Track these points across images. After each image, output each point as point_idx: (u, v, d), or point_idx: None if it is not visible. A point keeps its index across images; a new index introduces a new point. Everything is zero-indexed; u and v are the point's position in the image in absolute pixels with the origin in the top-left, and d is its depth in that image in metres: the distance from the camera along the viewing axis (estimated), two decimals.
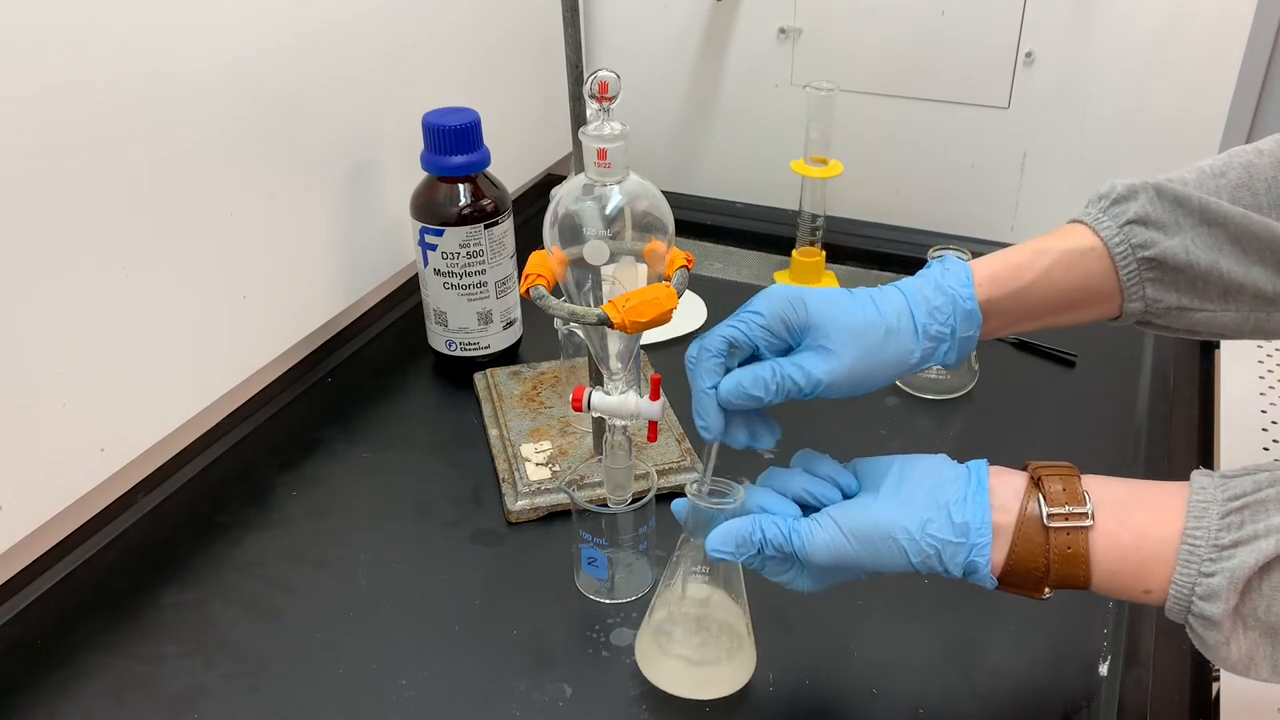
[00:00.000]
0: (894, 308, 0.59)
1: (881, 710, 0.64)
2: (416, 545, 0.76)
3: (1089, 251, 0.60)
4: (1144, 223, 0.59)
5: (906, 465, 0.57)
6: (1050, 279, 0.60)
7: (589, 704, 0.64)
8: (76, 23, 0.67)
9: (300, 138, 0.88)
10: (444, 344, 0.93)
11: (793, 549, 0.56)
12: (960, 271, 0.60)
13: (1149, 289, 0.60)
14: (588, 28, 1.28)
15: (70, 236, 0.70)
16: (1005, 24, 1.10)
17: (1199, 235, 0.58)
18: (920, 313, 0.59)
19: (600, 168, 0.63)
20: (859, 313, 0.58)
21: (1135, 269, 0.60)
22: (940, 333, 0.59)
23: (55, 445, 0.72)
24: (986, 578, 0.54)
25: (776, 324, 0.58)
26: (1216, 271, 0.58)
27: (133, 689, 0.65)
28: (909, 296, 0.60)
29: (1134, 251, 0.59)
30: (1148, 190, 0.59)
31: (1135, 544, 0.53)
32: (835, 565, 0.56)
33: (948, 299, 0.59)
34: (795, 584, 0.59)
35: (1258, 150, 0.60)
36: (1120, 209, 0.60)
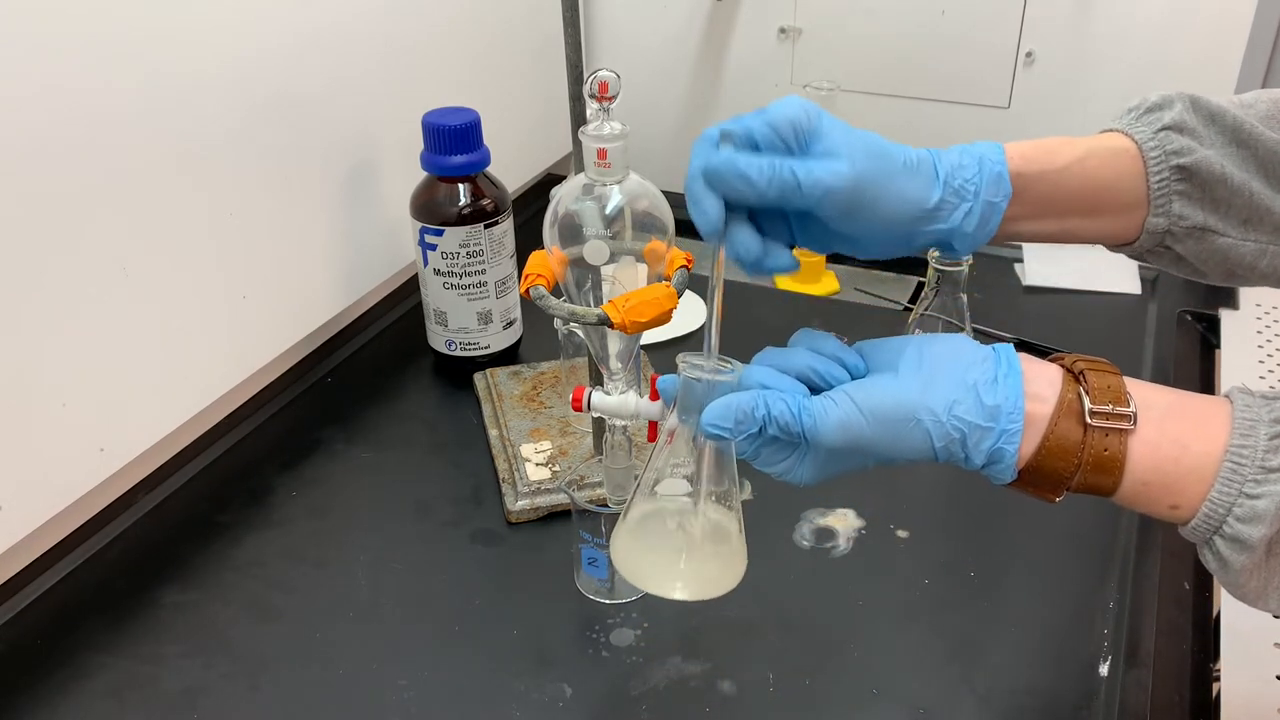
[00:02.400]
0: (917, 154, 0.56)
1: (881, 710, 0.64)
2: (416, 545, 0.76)
3: (1123, 152, 0.58)
4: (1179, 129, 0.57)
5: (926, 344, 0.53)
6: (1084, 169, 0.58)
7: (589, 704, 0.64)
8: (77, 23, 0.67)
9: (300, 138, 0.88)
10: (444, 344, 0.93)
11: (801, 429, 0.51)
12: (990, 145, 0.58)
13: (1175, 203, 0.58)
14: (588, 28, 1.28)
15: (70, 236, 0.70)
16: (1005, 24, 1.10)
17: (1230, 153, 0.57)
18: (945, 165, 0.56)
19: (600, 167, 0.63)
20: (878, 140, 0.55)
21: (1166, 177, 0.57)
22: (963, 188, 0.56)
23: (55, 445, 0.72)
24: (1009, 469, 0.50)
25: (783, 124, 0.52)
26: (1246, 190, 0.57)
27: (133, 689, 0.65)
28: (934, 152, 0.57)
29: (1167, 158, 0.57)
30: (1183, 99, 0.58)
31: (1174, 455, 0.50)
32: (847, 449, 0.51)
33: (974, 159, 0.57)
34: (793, 474, 0.53)
35: None
36: (1155, 116, 0.58)
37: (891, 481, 0.81)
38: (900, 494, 0.80)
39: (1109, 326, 1.00)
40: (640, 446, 0.80)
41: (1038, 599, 0.70)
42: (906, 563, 0.74)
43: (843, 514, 0.77)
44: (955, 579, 0.73)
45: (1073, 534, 0.76)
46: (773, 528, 0.77)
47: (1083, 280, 1.08)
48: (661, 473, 0.57)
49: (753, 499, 0.79)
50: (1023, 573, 0.73)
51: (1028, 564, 0.74)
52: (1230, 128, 0.57)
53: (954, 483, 0.82)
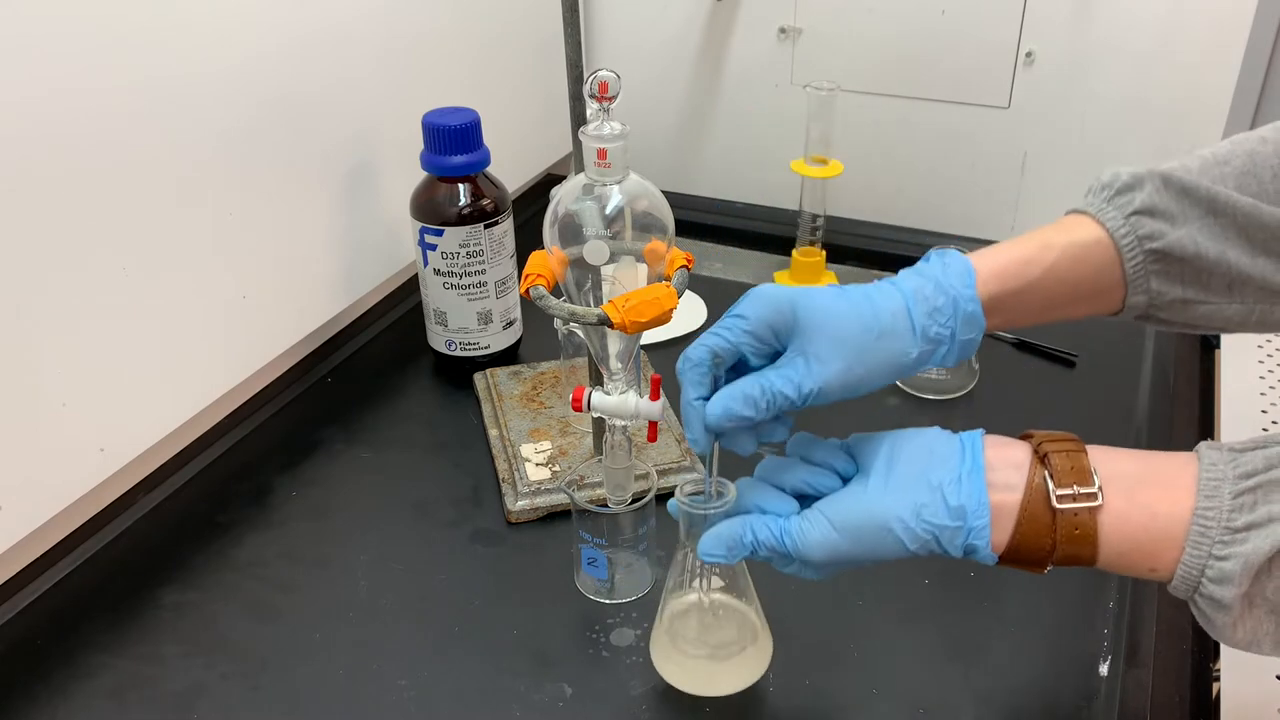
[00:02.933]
0: (890, 308, 0.57)
1: (881, 710, 0.64)
2: (416, 545, 0.76)
3: (1094, 244, 0.58)
4: (1150, 213, 0.57)
5: (897, 444, 0.56)
6: (1055, 275, 0.58)
7: (589, 704, 0.64)
8: (77, 24, 0.67)
9: (300, 138, 0.88)
10: (444, 344, 0.93)
11: (786, 550, 0.55)
12: (962, 269, 0.58)
13: (1154, 281, 0.58)
14: (588, 27, 1.28)
15: (70, 237, 0.70)
16: (1005, 24, 1.10)
17: (1206, 225, 0.57)
18: (919, 313, 0.57)
19: (600, 168, 0.63)
20: (851, 315, 0.56)
21: (1141, 261, 0.58)
22: (940, 335, 0.57)
23: (55, 445, 0.72)
24: (987, 557, 0.53)
25: (763, 330, 0.56)
26: (1224, 262, 0.57)
27: (133, 689, 0.65)
28: (907, 295, 0.57)
29: (1140, 243, 0.57)
30: (1154, 179, 0.58)
31: (1144, 523, 0.51)
32: (832, 558, 0.55)
33: (949, 299, 0.57)
34: (803, 575, 0.57)
35: (1261, 138, 0.59)
36: (1125, 199, 0.58)
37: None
38: None
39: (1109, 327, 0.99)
40: (640, 446, 0.80)
41: (1038, 599, 0.70)
42: (906, 563, 0.74)
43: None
44: (955, 579, 0.73)
45: None
46: None
47: None
48: (682, 583, 0.64)
49: None
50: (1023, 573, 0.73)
51: None
52: (1204, 200, 0.57)
53: None
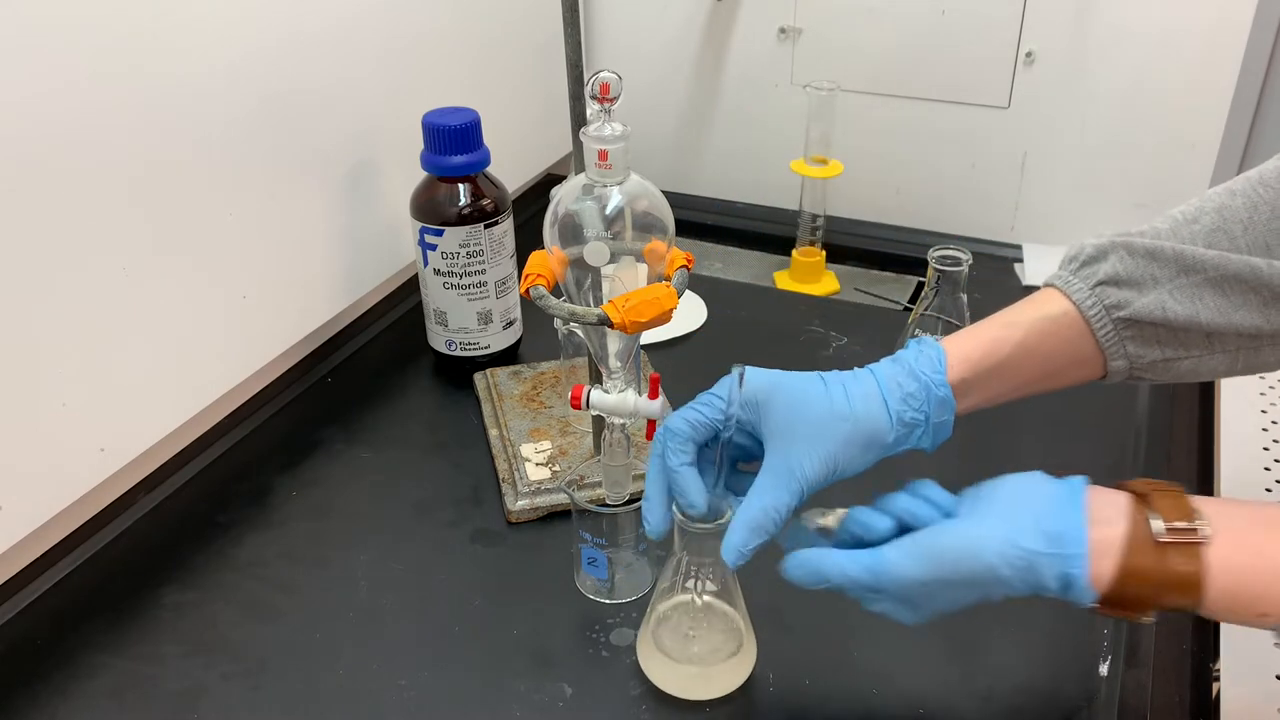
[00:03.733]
0: (864, 392, 0.58)
1: (881, 710, 0.64)
2: (416, 545, 0.76)
3: (1061, 317, 0.60)
4: (1115, 282, 0.59)
5: (997, 482, 0.56)
6: (1025, 350, 0.60)
7: (589, 704, 0.64)
8: (76, 24, 0.67)
9: (300, 138, 0.88)
10: (444, 344, 0.93)
11: (873, 577, 0.55)
12: (933, 355, 0.60)
13: (1130, 346, 0.59)
14: (588, 28, 1.28)
15: (70, 237, 0.70)
16: (1005, 24, 1.10)
17: (1177, 286, 0.58)
18: (894, 399, 0.58)
19: (601, 168, 0.63)
20: (827, 407, 0.57)
21: (1112, 329, 0.59)
22: (914, 419, 0.58)
23: (55, 445, 0.72)
24: (1085, 592, 0.51)
25: (741, 410, 0.58)
26: (1196, 321, 0.58)
27: (133, 689, 0.65)
28: (882, 382, 0.59)
29: (1108, 312, 0.59)
30: (1117, 250, 0.59)
31: (1253, 564, 0.50)
32: (924, 591, 0.54)
33: (920, 385, 0.58)
34: (896, 615, 0.56)
35: (1229, 191, 0.60)
36: (1090, 270, 0.60)
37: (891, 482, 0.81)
38: None
39: None
40: (640, 446, 0.80)
41: (1038, 599, 0.70)
42: None
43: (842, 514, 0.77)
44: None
45: None
46: None
47: None
48: (673, 586, 0.64)
49: None
50: None
51: None
52: (1172, 260, 0.58)
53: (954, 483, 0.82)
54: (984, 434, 0.87)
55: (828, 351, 0.97)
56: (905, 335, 0.91)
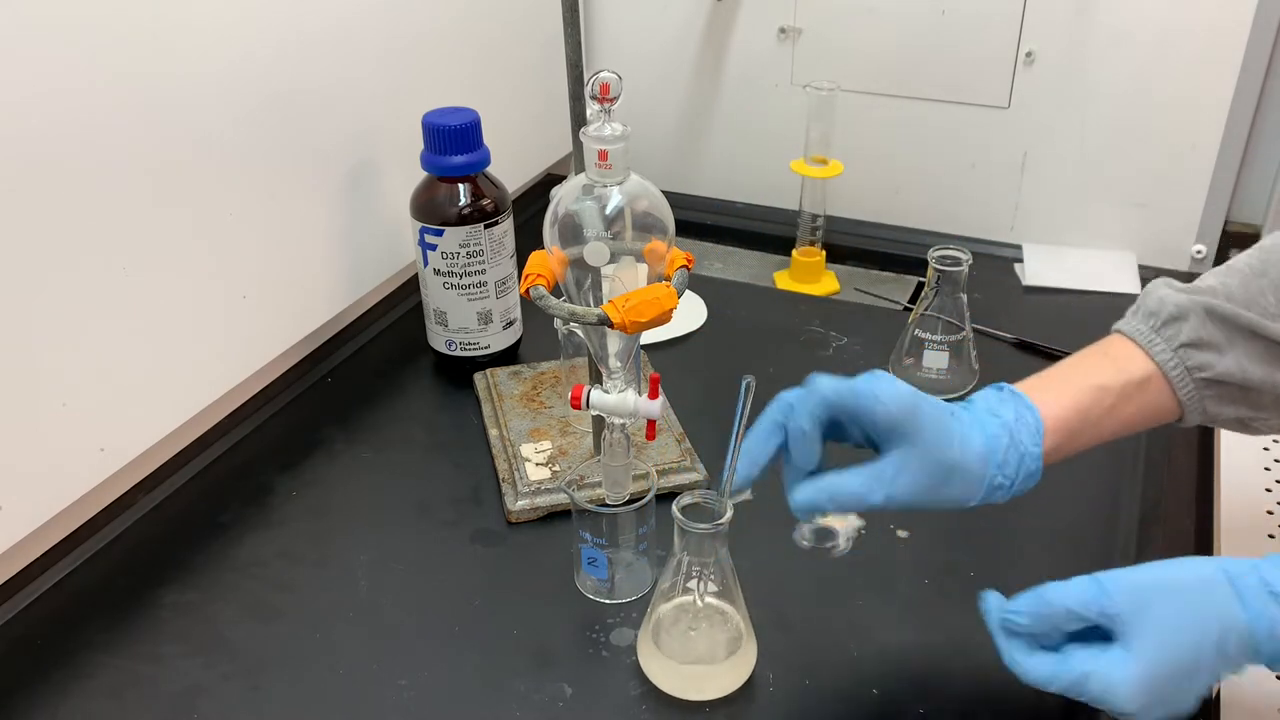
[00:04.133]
0: (980, 453, 0.59)
1: (881, 710, 0.64)
2: (416, 545, 0.76)
3: (1147, 381, 0.61)
4: (1197, 345, 0.60)
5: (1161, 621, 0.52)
6: (1115, 416, 0.61)
7: (589, 704, 0.64)
8: (76, 24, 0.67)
9: (300, 138, 0.88)
10: (444, 344, 0.93)
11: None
12: (1033, 423, 0.60)
13: (1209, 405, 0.61)
14: (588, 28, 1.28)
15: (70, 237, 0.70)
16: (1005, 24, 1.10)
17: (1252, 351, 0.60)
18: (992, 464, 0.59)
19: (601, 168, 0.63)
20: (952, 443, 0.58)
21: (1194, 389, 0.61)
22: (1001, 484, 0.60)
23: (55, 445, 0.72)
24: None
25: (882, 410, 0.58)
26: (1271, 383, 0.60)
27: (133, 689, 0.65)
28: (989, 442, 0.59)
29: (1190, 374, 0.61)
30: (1198, 311, 0.61)
31: None
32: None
33: (1017, 454, 0.59)
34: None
35: None
36: (1172, 331, 0.61)
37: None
38: None
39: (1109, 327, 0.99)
40: (640, 446, 0.80)
41: None
42: (906, 563, 0.74)
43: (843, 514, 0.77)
44: (955, 579, 0.73)
45: (1073, 534, 0.76)
46: (773, 528, 0.76)
47: (1083, 280, 1.08)
48: (674, 586, 0.65)
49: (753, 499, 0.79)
50: (1023, 573, 0.73)
51: (1028, 564, 0.74)
52: (1245, 328, 0.60)
53: None
54: None
55: (828, 351, 0.97)
56: (905, 335, 0.91)
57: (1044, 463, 0.60)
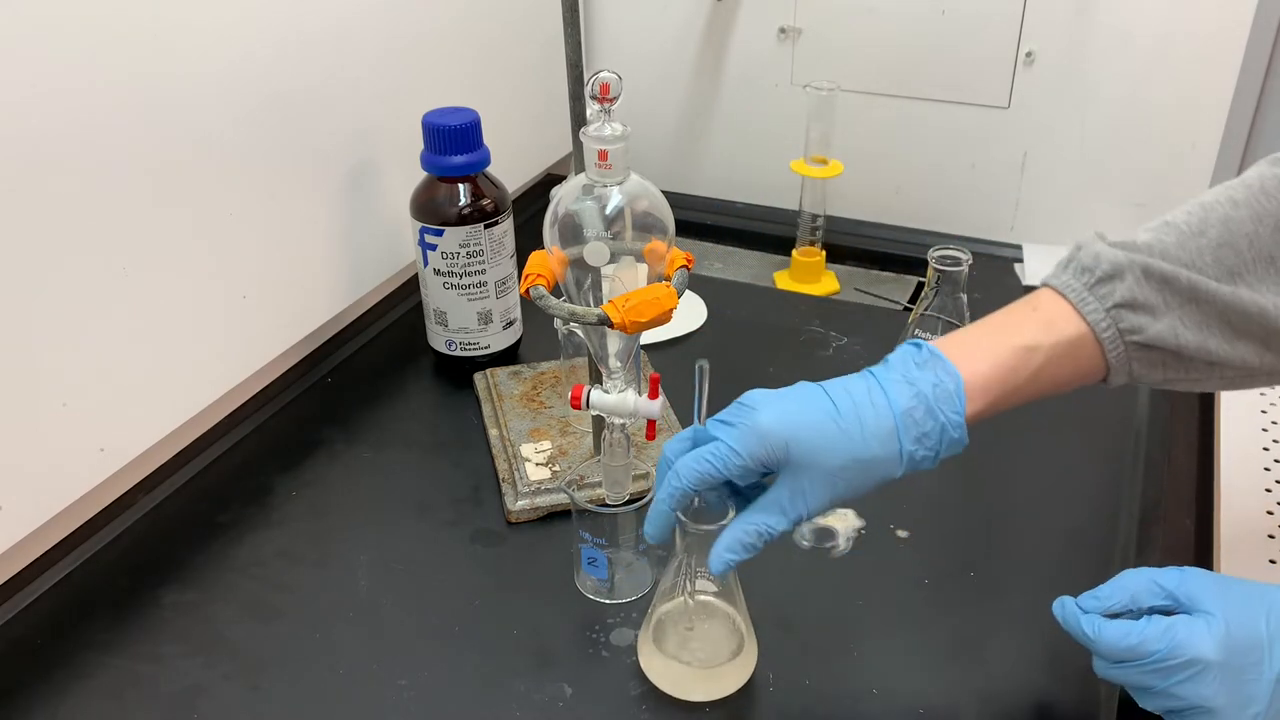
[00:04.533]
0: (881, 432, 0.57)
1: (881, 710, 0.64)
2: (416, 545, 0.76)
3: (1078, 341, 0.59)
4: (1131, 306, 0.58)
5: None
6: (1040, 377, 0.59)
7: (589, 704, 0.64)
8: (76, 23, 0.67)
9: (300, 138, 0.88)
10: (444, 344, 0.93)
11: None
12: (953, 391, 0.58)
13: (1135, 367, 0.59)
14: (588, 28, 1.28)
15: (70, 237, 0.70)
16: (1005, 24, 1.10)
17: (1187, 313, 0.58)
18: (908, 439, 0.57)
19: (601, 169, 0.63)
20: (843, 449, 0.56)
21: (1123, 351, 0.59)
22: (924, 457, 0.58)
23: (55, 445, 0.72)
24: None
25: (755, 465, 0.57)
26: (1204, 350, 0.58)
27: (133, 689, 0.65)
28: (898, 418, 0.57)
29: (1122, 336, 0.58)
30: (1134, 270, 0.58)
31: None
32: None
33: (936, 425, 0.57)
34: None
35: (1232, 202, 0.59)
36: (1106, 290, 0.59)
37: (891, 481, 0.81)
38: (900, 494, 0.79)
39: None
40: (640, 446, 0.80)
41: (1038, 599, 0.70)
42: (906, 563, 0.74)
43: (843, 514, 0.77)
44: (955, 579, 0.73)
45: (1073, 534, 0.76)
46: None
47: None
48: (675, 588, 0.64)
49: None
50: (1023, 573, 0.73)
51: (1028, 564, 0.74)
52: (1185, 289, 0.58)
53: (954, 483, 0.82)
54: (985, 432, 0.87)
55: (828, 351, 0.97)
56: (905, 335, 0.91)
57: (969, 427, 0.58)
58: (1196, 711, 0.54)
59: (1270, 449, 0.84)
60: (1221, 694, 0.53)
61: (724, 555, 0.58)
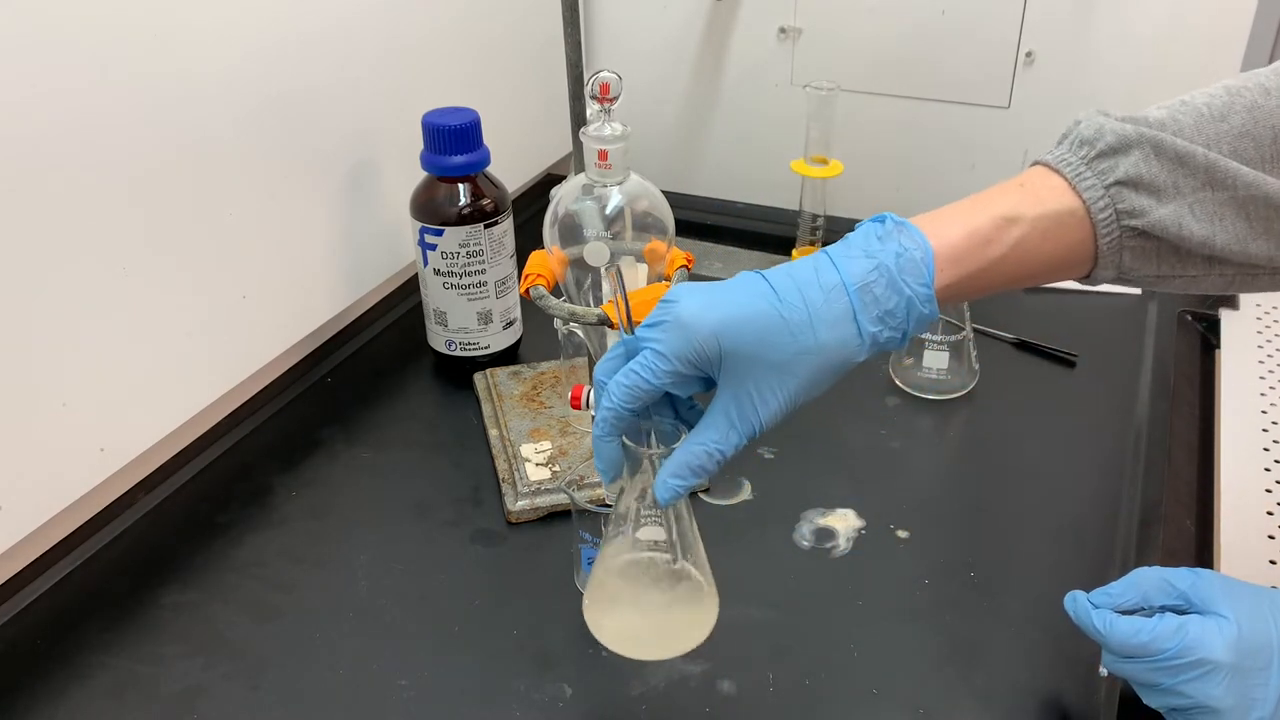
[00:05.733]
0: (832, 317, 0.50)
1: (881, 710, 0.64)
2: (416, 545, 0.76)
3: (1066, 217, 0.52)
4: (1135, 185, 0.51)
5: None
6: (1021, 252, 0.52)
7: (589, 704, 0.64)
8: (76, 23, 0.67)
9: (300, 138, 0.88)
10: (444, 344, 0.93)
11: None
12: (920, 260, 0.51)
13: (1127, 258, 0.52)
14: (588, 28, 1.28)
15: (70, 237, 0.70)
16: (1005, 24, 1.10)
17: (1200, 201, 0.51)
18: (868, 318, 0.50)
19: (601, 168, 0.64)
20: (787, 340, 0.49)
21: (1117, 238, 0.52)
22: (890, 339, 0.51)
23: (55, 445, 0.71)
24: None
25: (687, 369, 0.50)
26: (1208, 244, 0.51)
27: (133, 689, 0.65)
28: (853, 294, 0.50)
29: (1119, 218, 0.51)
30: (1143, 146, 0.51)
31: None
32: None
33: (901, 301, 0.50)
34: None
35: (1264, 89, 0.52)
36: (1108, 164, 0.52)
37: (891, 481, 0.82)
38: (900, 494, 0.80)
39: (1109, 327, 1.00)
40: None
41: (1038, 599, 0.70)
42: (906, 563, 0.74)
43: (843, 514, 0.77)
44: (955, 579, 0.73)
45: (1073, 533, 0.76)
46: (773, 528, 0.77)
47: None
48: (622, 531, 0.58)
49: (753, 499, 0.79)
50: (1023, 573, 0.73)
51: (1028, 564, 0.74)
52: (1202, 170, 0.51)
53: (954, 482, 0.83)
54: (985, 432, 0.87)
55: None
56: None
57: (939, 303, 0.52)
58: (1202, 711, 0.54)
59: (1270, 449, 0.84)
60: (1228, 695, 0.53)
61: (669, 482, 0.51)
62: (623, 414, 0.51)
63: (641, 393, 0.51)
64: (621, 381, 0.51)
